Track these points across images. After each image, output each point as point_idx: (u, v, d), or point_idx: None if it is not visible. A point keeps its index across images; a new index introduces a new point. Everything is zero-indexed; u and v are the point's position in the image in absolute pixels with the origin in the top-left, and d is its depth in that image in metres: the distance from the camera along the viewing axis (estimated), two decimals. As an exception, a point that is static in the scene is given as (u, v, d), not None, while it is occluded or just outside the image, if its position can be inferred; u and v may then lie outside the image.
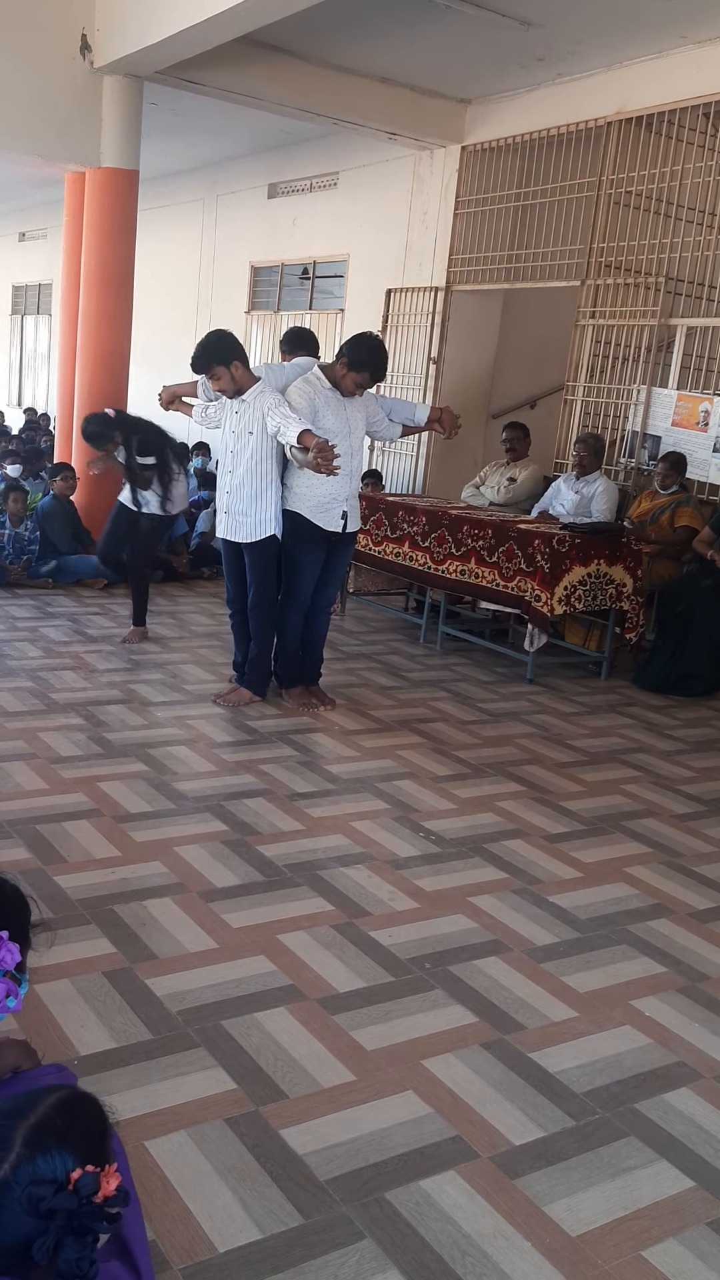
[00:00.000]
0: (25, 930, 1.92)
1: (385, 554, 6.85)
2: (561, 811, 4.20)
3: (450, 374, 8.83)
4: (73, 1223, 1.32)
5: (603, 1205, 2.10)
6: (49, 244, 14.64)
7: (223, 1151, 2.14)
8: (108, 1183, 1.35)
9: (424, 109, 8.23)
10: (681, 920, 3.37)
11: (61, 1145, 1.36)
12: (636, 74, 7.03)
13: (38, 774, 4.05)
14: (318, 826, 3.82)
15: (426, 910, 3.26)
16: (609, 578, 6.03)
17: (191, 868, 3.39)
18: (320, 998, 2.72)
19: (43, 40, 7.12)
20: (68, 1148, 1.36)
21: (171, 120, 9.32)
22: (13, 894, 1.92)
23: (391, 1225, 1.99)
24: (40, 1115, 1.39)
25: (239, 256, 11.49)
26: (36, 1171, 1.33)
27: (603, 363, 7.49)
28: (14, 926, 1.85)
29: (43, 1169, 1.33)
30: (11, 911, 1.88)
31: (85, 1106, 1.46)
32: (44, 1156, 1.34)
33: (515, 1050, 2.58)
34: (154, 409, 5.63)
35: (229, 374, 4.85)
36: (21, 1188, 1.32)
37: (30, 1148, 1.34)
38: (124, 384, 8.13)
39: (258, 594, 5.11)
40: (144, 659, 5.82)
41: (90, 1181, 1.34)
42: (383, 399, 5.42)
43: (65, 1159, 1.35)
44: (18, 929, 1.87)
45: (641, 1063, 2.59)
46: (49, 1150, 1.35)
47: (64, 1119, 1.40)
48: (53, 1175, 1.33)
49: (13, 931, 1.83)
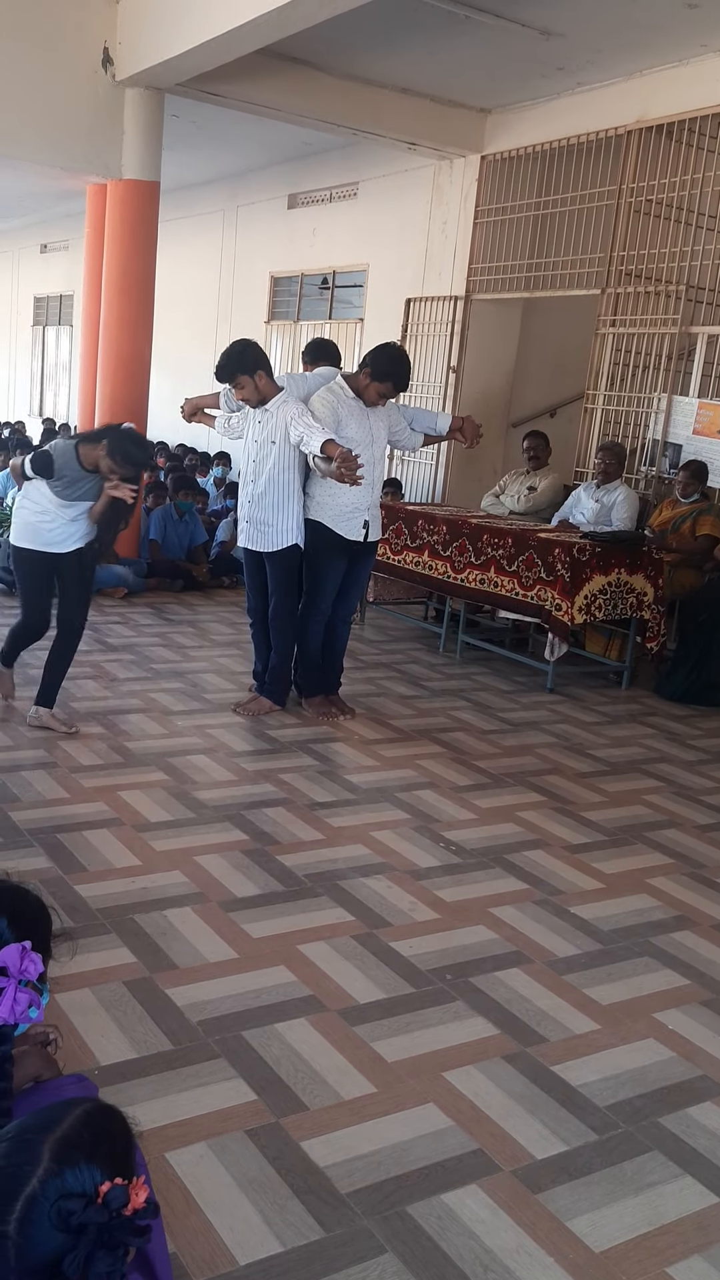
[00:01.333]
0: (47, 940, 1.91)
1: (405, 563, 6.85)
2: (583, 822, 4.18)
3: (470, 383, 8.83)
4: (103, 1236, 1.31)
5: (626, 1221, 2.08)
6: (70, 255, 14.74)
7: (243, 1163, 2.14)
8: (137, 1195, 1.34)
9: (444, 119, 8.25)
10: (704, 932, 3.34)
11: (89, 1159, 1.35)
12: (657, 82, 7.03)
13: (59, 783, 4.06)
14: (338, 836, 3.81)
15: (447, 921, 3.24)
16: (630, 587, 6.00)
17: (212, 877, 3.39)
18: (341, 1009, 2.71)
19: (65, 53, 7.18)
20: (95, 1161, 1.35)
21: (192, 132, 9.37)
22: (35, 904, 1.92)
23: (413, 1239, 1.98)
24: (67, 1128, 1.38)
25: (259, 267, 11.54)
26: (65, 1186, 1.32)
27: (623, 371, 7.47)
28: (36, 936, 1.85)
29: (71, 1183, 1.32)
30: (33, 922, 1.88)
31: (111, 1119, 1.46)
32: (72, 1170, 1.33)
33: (537, 1063, 2.56)
34: (176, 420, 5.65)
35: (253, 383, 4.87)
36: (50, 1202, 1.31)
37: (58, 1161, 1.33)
38: (145, 394, 8.17)
39: (279, 603, 5.11)
40: (164, 668, 5.83)
41: (119, 1194, 1.32)
42: (404, 408, 5.43)
43: (93, 1172, 1.34)
44: (39, 939, 1.87)
45: (665, 1076, 2.56)
46: (77, 1164, 1.34)
47: (90, 1132, 1.39)
48: (81, 1189, 1.32)
49: (35, 942, 1.83)
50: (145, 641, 6.39)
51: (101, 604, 7.39)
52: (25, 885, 1.96)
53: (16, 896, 1.90)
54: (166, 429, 12.24)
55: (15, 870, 3.22)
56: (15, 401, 17.76)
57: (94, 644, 6.24)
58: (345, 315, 10.45)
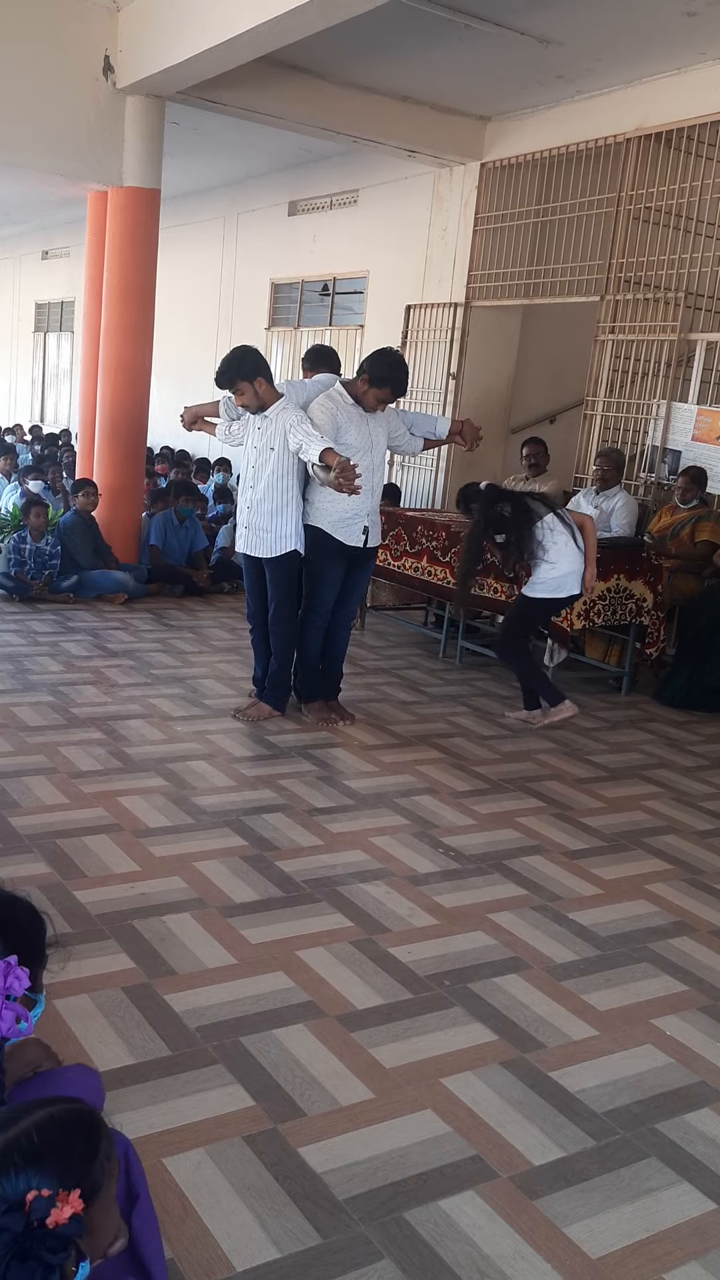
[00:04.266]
0: (40, 949, 1.90)
1: (405, 569, 6.85)
2: (581, 828, 4.18)
3: (470, 389, 8.85)
4: (17, 1246, 1.27)
5: (624, 1227, 2.08)
6: (71, 262, 14.78)
7: (241, 1169, 2.14)
8: (61, 1209, 1.29)
9: (443, 126, 8.27)
10: (703, 938, 3.34)
11: (29, 1165, 1.32)
12: (656, 90, 7.05)
13: (58, 788, 4.07)
14: (337, 842, 3.81)
15: (446, 927, 3.25)
16: (629, 592, 6.01)
17: (211, 883, 3.39)
18: (339, 1015, 2.71)
19: (66, 61, 7.21)
20: (36, 1168, 1.32)
21: (193, 139, 9.40)
22: (24, 914, 1.90)
23: (410, 1246, 1.98)
24: (18, 1131, 1.35)
25: (259, 273, 11.57)
26: (1, 1190, 1.30)
27: (622, 377, 7.48)
28: (26, 947, 1.83)
29: (6, 1189, 1.30)
30: (22, 933, 1.87)
31: (74, 1127, 1.41)
32: (7, 1175, 1.31)
33: (535, 1069, 2.56)
34: (176, 426, 5.66)
35: (253, 389, 4.88)
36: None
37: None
38: (145, 400, 8.19)
39: (278, 609, 5.12)
40: (164, 673, 5.84)
41: (42, 1205, 1.28)
42: (404, 413, 5.44)
43: (29, 1179, 1.31)
44: (30, 949, 1.85)
45: (663, 1082, 2.56)
46: (12, 1169, 1.31)
47: (42, 1137, 1.35)
48: (12, 1195, 1.30)
49: (26, 951, 1.82)
50: (145, 647, 6.40)
51: (102, 609, 7.40)
52: (15, 894, 1.95)
53: (5, 907, 1.89)
54: (167, 435, 12.26)
55: (15, 876, 3.23)
56: (16, 407, 17.79)
57: (94, 649, 6.25)
58: (346, 322, 10.47)
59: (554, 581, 5.29)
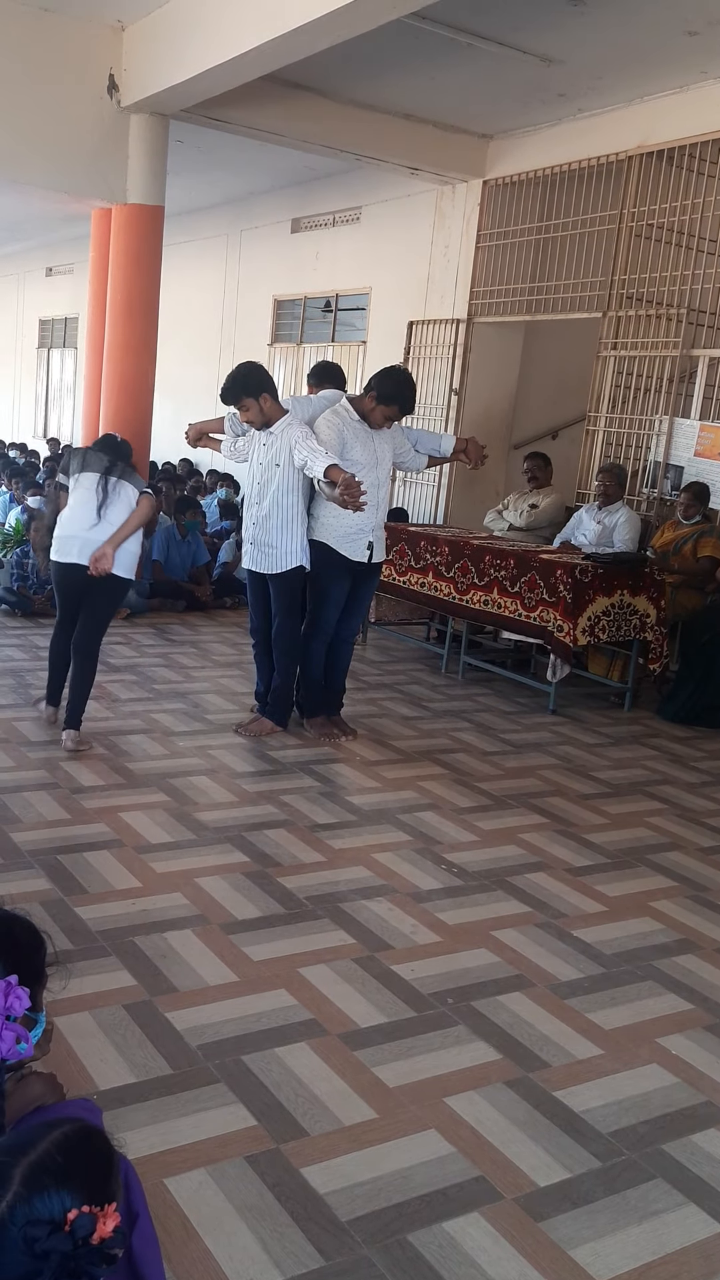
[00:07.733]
0: (40, 968, 1.89)
1: (409, 584, 6.85)
2: (585, 844, 4.16)
3: (472, 405, 8.87)
4: (67, 1265, 1.29)
5: (630, 1250, 2.05)
6: (75, 278, 14.84)
7: (243, 1190, 2.11)
8: (104, 1224, 1.32)
9: (446, 144, 8.32)
10: (708, 956, 3.32)
11: (60, 1184, 1.33)
12: (657, 109, 7.09)
13: (59, 804, 4.05)
14: (339, 858, 3.79)
15: (449, 944, 3.22)
16: (632, 608, 6.00)
17: (212, 899, 3.37)
18: (341, 1033, 2.69)
19: (71, 80, 7.26)
20: (66, 1187, 1.33)
21: (197, 157, 9.45)
22: (24, 933, 1.89)
23: (414, 1268, 1.96)
24: (40, 1152, 1.36)
25: (262, 290, 11.61)
26: (33, 1211, 1.30)
27: (625, 393, 7.50)
28: (26, 967, 1.82)
29: (39, 1209, 1.31)
30: (22, 952, 1.85)
31: (89, 1143, 1.43)
32: (41, 1196, 1.31)
33: (539, 1088, 2.54)
34: (179, 442, 5.67)
35: (258, 406, 4.88)
36: (18, 1228, 1.29)
37: (28, 1187, 1.31)
38: (148, 416, 8.20)
39: (282, 624, 5.11)
40: (166, 689, 5.83)
41: (86, 1223, 1.30)
42: (408, 430, 5.45)
43: (63, 1198, 1.32)
44: (29, 969, 1.84)
45: (669, 1102, 2.54)
46: (46, 1190, 1.32)
47: (65, 1156, 1.37)
48: (49, 1216, 1.30)
49: (26, 970, 1.81)
50: (147, 662, 6.39)
51: (104, 625, 7.38)
52: (15, 912, 1.94)
53: (6, 926, 1.88)
54: (169, 451, 12.28)
55: (16, 892, 3.21)
56: (20, 423, 17.84)
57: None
58: (348, 338, 10.51)
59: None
